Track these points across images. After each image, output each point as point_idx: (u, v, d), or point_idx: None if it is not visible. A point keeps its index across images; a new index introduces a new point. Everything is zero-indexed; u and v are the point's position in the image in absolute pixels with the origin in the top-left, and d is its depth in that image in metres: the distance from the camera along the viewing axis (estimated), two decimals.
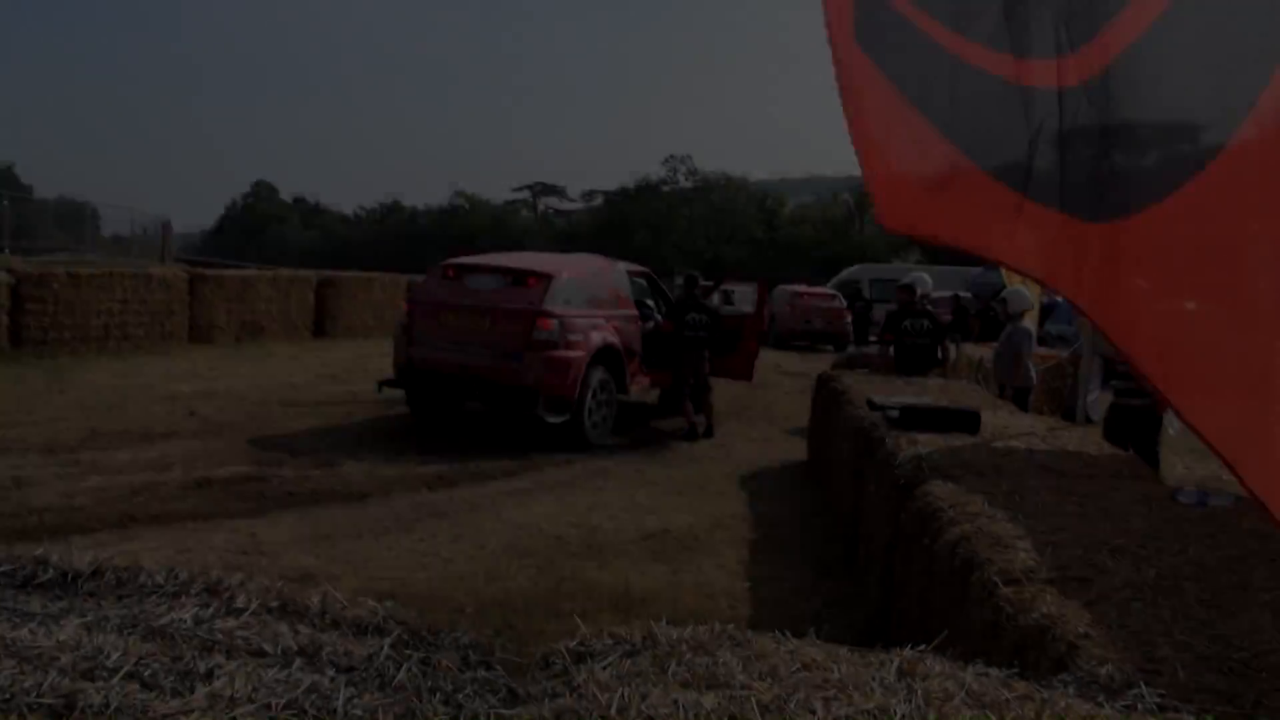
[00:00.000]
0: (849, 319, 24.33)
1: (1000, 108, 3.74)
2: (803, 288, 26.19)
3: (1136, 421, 6.14)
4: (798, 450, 9.58)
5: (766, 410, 12.37)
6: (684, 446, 9.37)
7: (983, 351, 10.49)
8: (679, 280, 14.23)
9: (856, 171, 4.54)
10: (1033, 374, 9.05)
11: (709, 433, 9.59)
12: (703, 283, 10.04)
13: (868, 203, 77.75)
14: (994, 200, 4.05)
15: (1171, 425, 6.53)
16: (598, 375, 8.97)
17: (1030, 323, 9.08)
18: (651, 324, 10.35)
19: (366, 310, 20.51)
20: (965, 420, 5.24)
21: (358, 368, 14.01)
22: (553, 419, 8.43)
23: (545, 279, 8.76)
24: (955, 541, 3.22)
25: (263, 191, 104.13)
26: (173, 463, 7.30)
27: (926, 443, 4.81)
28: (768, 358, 19.12)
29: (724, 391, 13.54)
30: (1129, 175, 3.27)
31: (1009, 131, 3.81)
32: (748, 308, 13.18)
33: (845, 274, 33.81)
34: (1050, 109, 3.59)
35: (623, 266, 10.23)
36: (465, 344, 8.68)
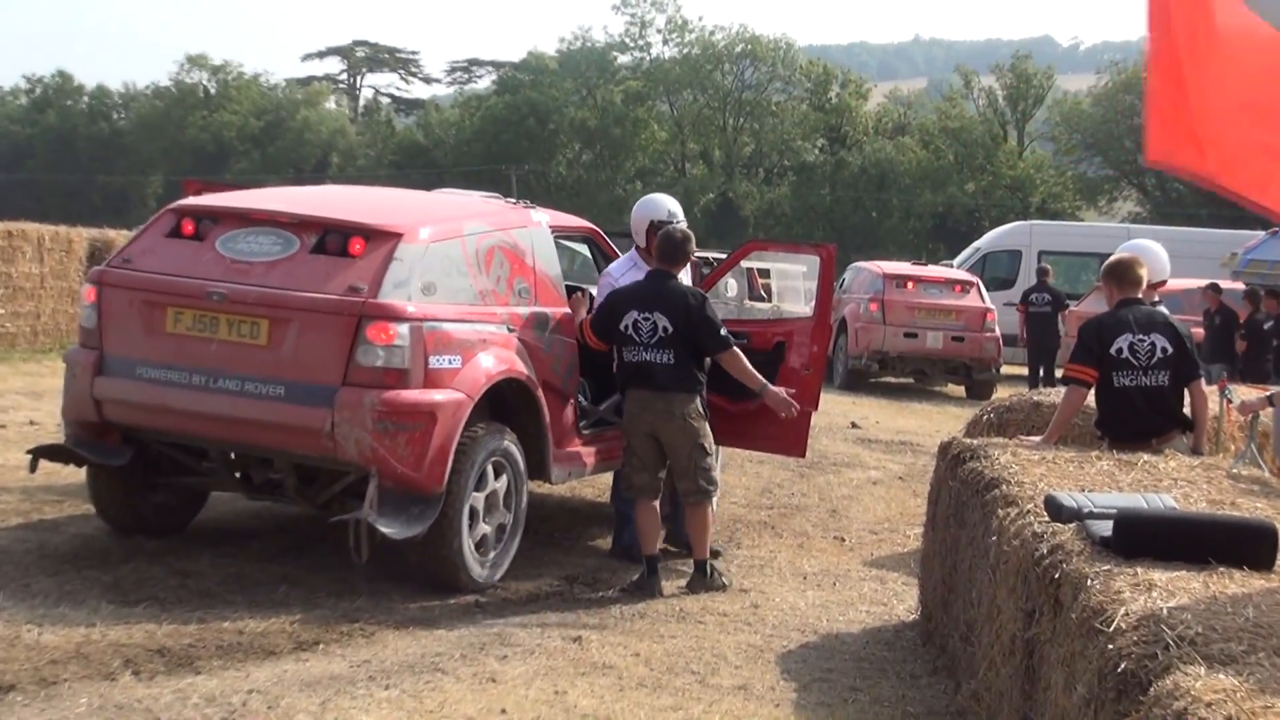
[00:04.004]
0: (994, 327, 24.47)
1: None
2: (905, 267, 26.41)
3: None
4: (898, 599, 9.59)
5: (832, 515, 12.42)
6: (667, 589, 9.38)
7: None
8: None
9: (995, 34, 5.02)
10: None
11: (702, 572, 9.54)
12: (696, 256, 10.03)
13: (1032, 91, 79.16)
14: None
15: None
16: (490, 442, 8.97)
17: None
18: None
19: (1, 300, 20.33)
20: (1248, 542, 5.29)
21: None
22: (393, 531, 8.38)
23: (384, 242, 8.75)
24: None
25: None
26: None
27: (1170, 588, 4.83)
28: (833, 406, 19.21)
29: (747, 475, 13.56)
30: None
31: None
32: (799, 306, 13.20)
33: (992, 239, 34.25)
34: None
35: (544, 219, 10.25)
36: (215, 374, 8.63)
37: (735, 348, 9.52)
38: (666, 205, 10.42)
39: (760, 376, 9.63)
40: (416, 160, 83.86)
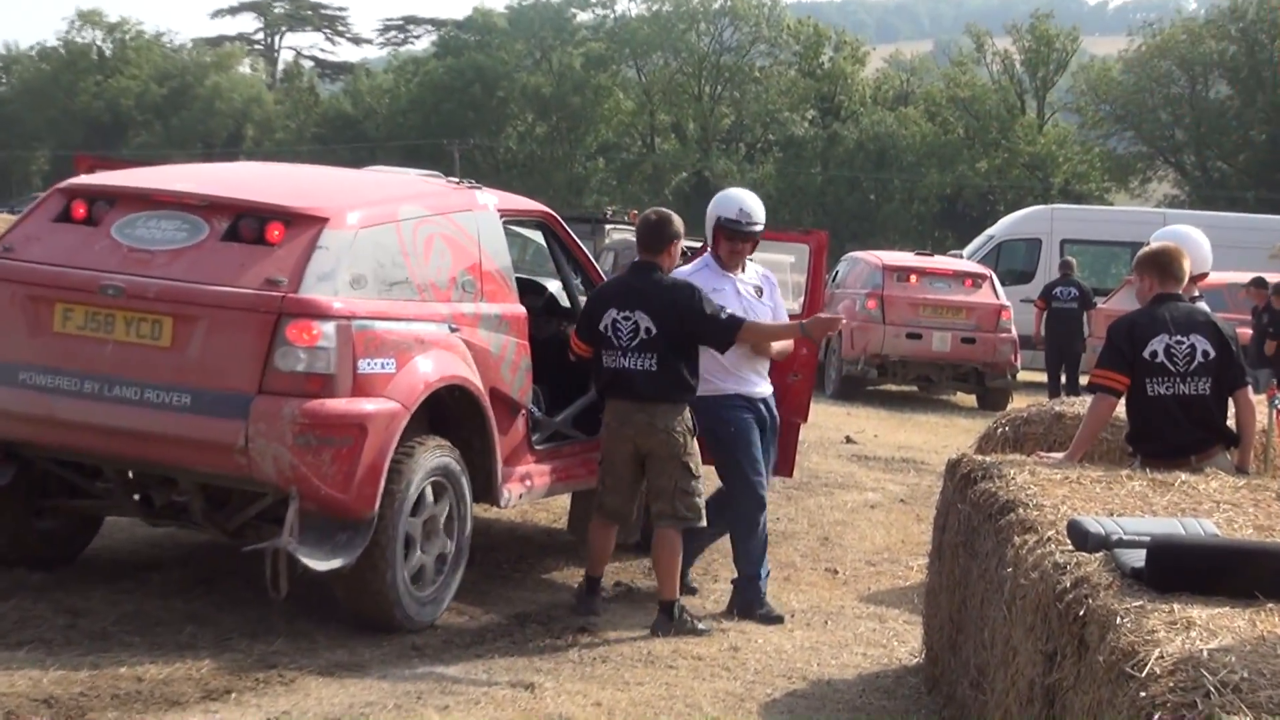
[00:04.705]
0: (1010, 327, 24.48)
1: None
2: (908, 258, 26.46)
3: None
4: (898, 640, 9.61)
5: (823, 544, 12.44)
6: (636, 630, 9.41)
7: None
8: (609, 228, 14.21)
9: None
10: None
11: (669, 614, 9.48)
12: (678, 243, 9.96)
13: (1054, 55, 79.38)
14: None
15: None
16: (429, 459, 8.97)
17: None
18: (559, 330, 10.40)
19: None
20: None
21: None
22: (317, 562, 8.36)
23: (307, 228, 8.75)
24: None
25: None
26: None
27: (1211, 627, 4.85)
28: (825, 418, 19.21)
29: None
30: None
31: None
32: (786, 302, 12.95)
33: (1008, 225, 34.35)
34: None
35: (491, 202, 10.25)
36: (110, 380, 8.60)
37: (745, 320, 9.56)
38: (739, 202, 10.14)
39: (785, 322, 9.98)
40: (344, 133, 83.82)
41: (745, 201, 10.14)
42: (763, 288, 10.25)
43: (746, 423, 9.84)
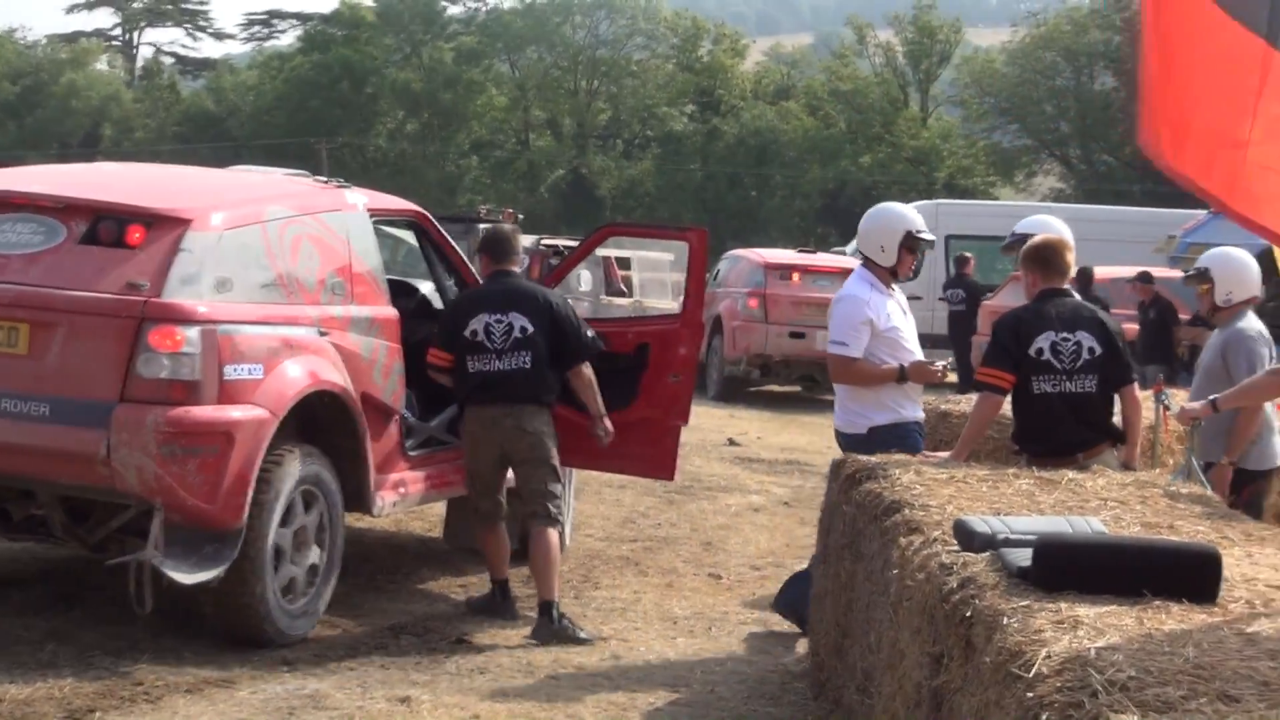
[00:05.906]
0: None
1: None
2: (790, 255, 26.53)
3: None
4: (784, 646, 9.64)
5: (706, 549, 12.46)
6: (515, 639, 9.40)
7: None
8: (483, 228, 14.31)
9: None
10: (1277, 443, 9.53)
11: (550, 616, 9.49)
12: (544, 244, 10.05)
13: (937, 47, 79.59)
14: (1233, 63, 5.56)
15: None
16: (299, 468, 8.93)
17: (1255, 322, 9.55)
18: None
19: None
20: (1187, 571, 5.37)
21: None
22: (183, 575, 8.30)
23: (169, 230, 8.68)
24: None
25: None
26: None
27: (1098, 625, 4.90)
28: (706, 420, 19.24)
29: (605, 502, 13.56)
30: None
31: None
32: (665, 301, 13.13)
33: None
34: None
35: (361, 201, 10.21)
36: None
37: (599, 346, 9.82)
38: (916, 213, 10.15)
39: (600, 403, 9.80)
40: (207, 132, 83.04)
41: (917, 213, 10.23)
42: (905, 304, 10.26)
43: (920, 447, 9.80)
